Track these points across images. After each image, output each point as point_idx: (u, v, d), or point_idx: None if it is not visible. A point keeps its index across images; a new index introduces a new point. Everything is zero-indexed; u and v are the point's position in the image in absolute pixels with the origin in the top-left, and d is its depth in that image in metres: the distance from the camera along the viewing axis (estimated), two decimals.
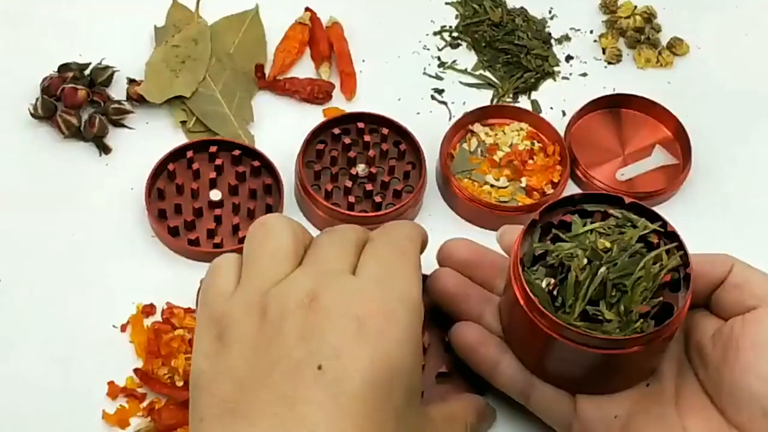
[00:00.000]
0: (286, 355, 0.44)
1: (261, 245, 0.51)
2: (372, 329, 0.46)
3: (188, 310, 0.78)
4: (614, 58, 0.96)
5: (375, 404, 0.45)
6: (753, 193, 0.89)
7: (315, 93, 0.90)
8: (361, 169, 0.85)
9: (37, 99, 0.87)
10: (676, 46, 0.97)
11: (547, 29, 0.98)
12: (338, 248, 0.52)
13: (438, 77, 0.94)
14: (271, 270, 0.49)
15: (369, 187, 0.84)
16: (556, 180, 0.86)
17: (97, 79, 0.89)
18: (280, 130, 0.89)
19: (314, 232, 0.84)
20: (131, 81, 0.90)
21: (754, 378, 0.57)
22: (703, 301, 0.65)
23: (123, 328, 0.78)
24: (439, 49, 0.96)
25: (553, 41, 0.97)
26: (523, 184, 0.86)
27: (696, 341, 0.64)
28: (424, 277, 0.68)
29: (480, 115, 0.89)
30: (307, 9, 0.96)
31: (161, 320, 0.78)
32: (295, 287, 0.47)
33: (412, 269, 0.54)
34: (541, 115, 0.91)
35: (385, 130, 0.86)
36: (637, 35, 0.97)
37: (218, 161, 0.84)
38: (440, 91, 0.93)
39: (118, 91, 0.90)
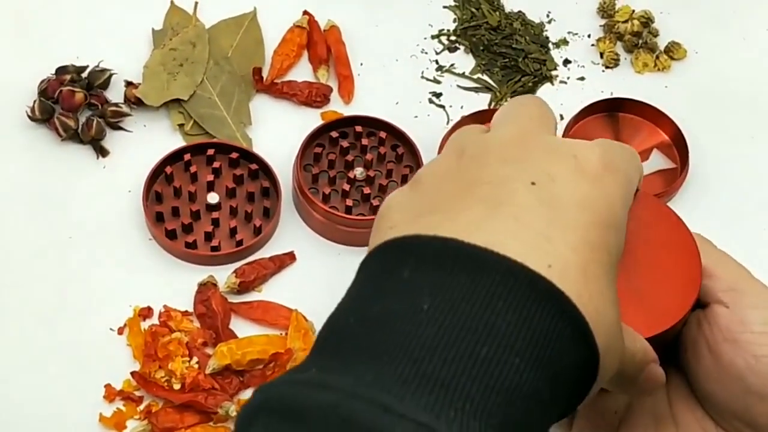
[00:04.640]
0: (493, 173, 0.40)
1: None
2: (590, 172, 0.41)
3: (185, 313, 0.78)
4: (612, 62, 0.96)
5: (594, 241, 0.41)
6: (750, 196, 0.89)
7: (313, 96, 0.90)
8: (358, 172, 0.85)
9: (34, 101, 0.87)
10: (673, 51, 0.97)
11: (545, 33, 0.98)
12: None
13: (436, 81, 0.94)
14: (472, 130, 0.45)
15: (367, 190, 0.84)
16: None
17: (95, 81, 0.89)
18: (278, 133, 0.89)
19: (312, 235, 0.84)
20: (129, 84, 0.89)
21: (720, 389, 0.53)
22: None
23: (120, 331, 0.77)
24: (437, 53, 0.96)
25: (550, 45, 0.97)
26: None
27: None
28: None
29: (478, 118, 0.89)
30: (305, 12, 0.96)
31: (158, 323, 0.78)
32: (495, 134, 0.43)
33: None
34: None
35: (382, 134, 0.86)
36: (634, 39, 0.97)
37: (216, 164, 0.84)
38: (438, 95, 0.93)
39: (115, 93, 0.89)
